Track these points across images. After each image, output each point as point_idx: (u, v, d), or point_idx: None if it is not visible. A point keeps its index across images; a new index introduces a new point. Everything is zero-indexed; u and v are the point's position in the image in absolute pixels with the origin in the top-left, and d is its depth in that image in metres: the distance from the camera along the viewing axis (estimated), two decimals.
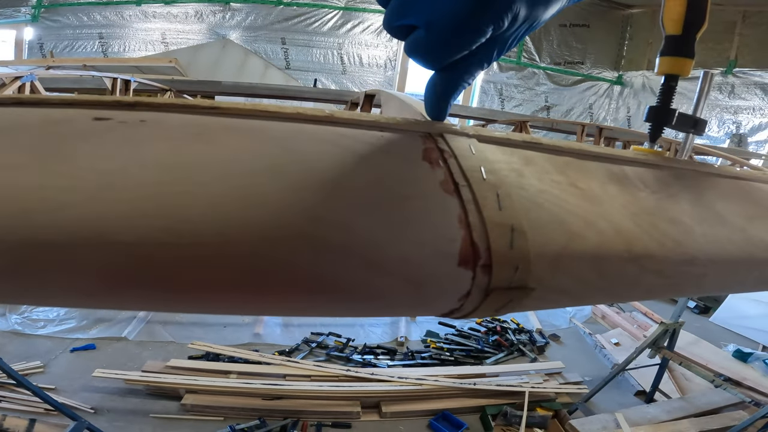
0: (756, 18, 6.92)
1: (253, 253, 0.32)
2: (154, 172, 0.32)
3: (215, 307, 0.37)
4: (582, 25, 8.00)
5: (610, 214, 0.54)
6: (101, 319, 4.26)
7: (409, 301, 0.41)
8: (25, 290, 0.31)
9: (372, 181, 0.40)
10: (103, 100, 0.36)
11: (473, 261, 0.39)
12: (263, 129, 0.40)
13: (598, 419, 3.37)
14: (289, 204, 0.34)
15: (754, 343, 5.07)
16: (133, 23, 6.92)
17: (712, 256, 0.62)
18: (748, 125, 6.98)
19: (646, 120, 0.97)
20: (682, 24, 0.90)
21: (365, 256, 0.36)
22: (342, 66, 7.53)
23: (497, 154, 0.51)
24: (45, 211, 0.28)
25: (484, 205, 0.41)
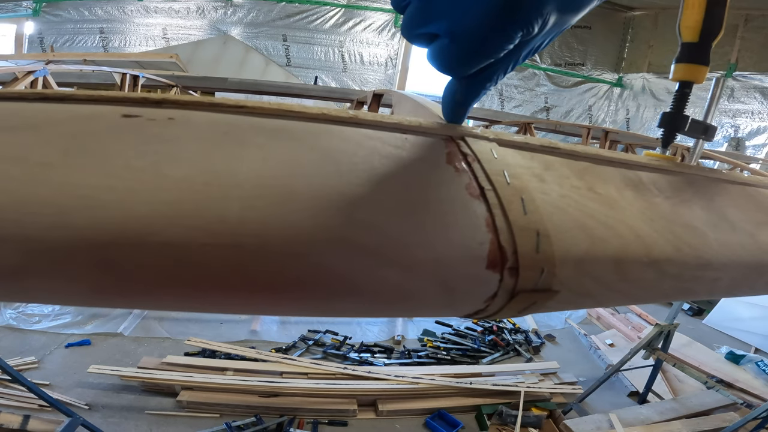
0: (758, 22, 6.92)
1: (290, 255, 0.32)
2: (189, 171, 0.32)
3: (249, 308, 0.37)
4: (583, 27, 8.01)
5: (629, 219, 0.55)
6: (96, 314, 4.25)
7: (438, 303, 0.41)
8: (57, 289, 0.31)
9: (400, 184, 0.40)
10: (130, 96, 0.35)
11: (501, 264, 0.39)
12: (290, 129, 0.41)
13: (592, 419, 3.41)
14: (323, 206, 0.35)
15: (747, 346, 5.11)
16: (135, 18, 6.90)
17: (726, 262, 0.63)
18: (746, 129, 7.00)
19: (660, 125, 0.99)
20: (699, 32, 0.90)
21: (398, 258, 0.36)
22: (343, 64, 7.52)
23: (518, 158, 0.52)
24: (81, 209, 0.28)
25: (509, 209, 0.42)
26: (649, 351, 3.70)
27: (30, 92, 0.35)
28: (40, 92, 0.34)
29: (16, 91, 0.36)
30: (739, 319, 5.43)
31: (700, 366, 4.03)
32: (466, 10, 0.34)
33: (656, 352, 3.67)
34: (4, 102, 0.34)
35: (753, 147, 6.78)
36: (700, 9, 0.88)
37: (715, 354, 4.72)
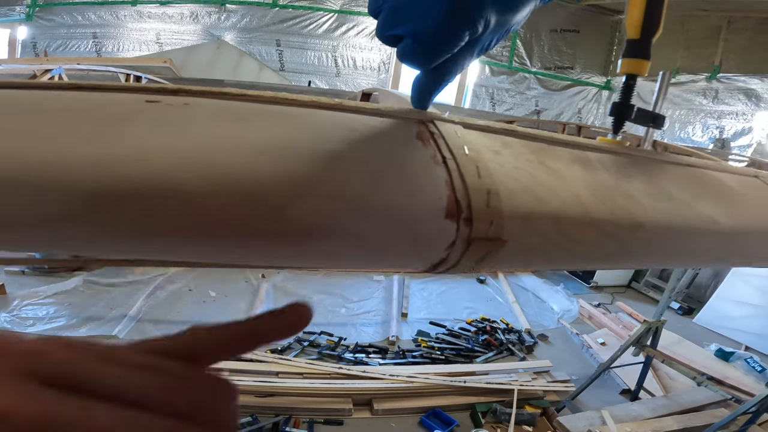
0: (741, 24, 7.05)
1: (283, 204, 0.40)
2: (203, 140, 0.39)
3: (248, 252, 0.43)
4: (572, 31, 8.13)
5: (573, 187, 0.65)
6: (91, 317, 4.26)
7: (407, 249, 0.50)
8: (103, 233, 0.37)
9: (377, 153, 0.50)
10: (150, 87, 0.42)
11: (457, 215, 0.49)
12: (286, 113, 0.50)
13: (584, 416, 3.45)
14: (314, 165, 0.43)
15: (737, 344, 5.18)
16: (128, 23, 6.92)
17: (658, 225, 0.73)
18: (731, 130, 7.12)
19: (610, 114, 1.09)
20: (641, 29, 1.01)
21: (373, 208, 0.45)
22: (336, 68, 7.58)
23: (479, 137, 0.62)
24: (119, 165, 0.35)
25: (466, 173, 0.51)
26: (638, 348, 3.75)
27: (64, 83, 0.42)
28: (74, 83, 0.42)
29: (52, 82, 0.42)
30: (729, 318, 5.51)
31: (690, 363, 4.09)
32: (423, 16, 0.41)
33: (645, 349, 3.72)
34: (45, 90, 0.40)
35: (738, 148, 6.90)
36: (641, 8, 0.98)
37: (705, 351, 4.80)
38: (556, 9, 8.02)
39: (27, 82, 0.42)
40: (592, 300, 6.01)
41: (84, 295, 4.66)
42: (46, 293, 4.55)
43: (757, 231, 0.96)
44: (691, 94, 7.58)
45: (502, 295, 5.99)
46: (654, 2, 0.98)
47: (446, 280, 6.22)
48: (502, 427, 3.47)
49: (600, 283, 6.65)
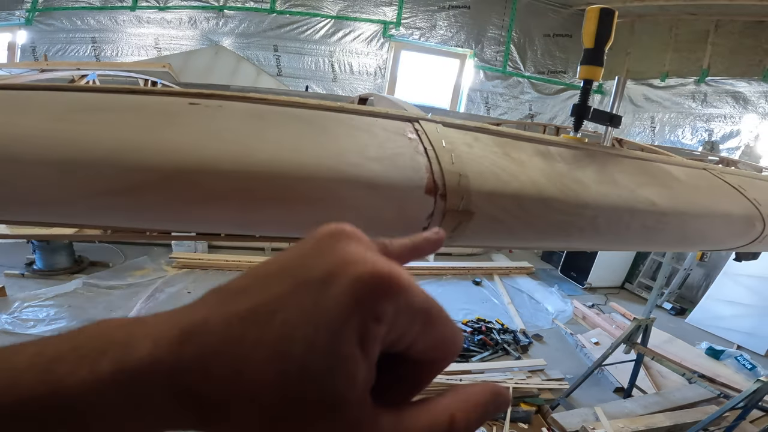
0: (728, 27, 7.15)
1: (298, 180, 0.53)
2: (236, 133, 0.50)
3: (264, 219, 0.55)
4: (565, 35, 8.24)
5: (530, 172, 0.80)
6: (90, 319, 4.16)
7: (396, 217, 0.62)
8: (156, 202, 0.47)
9: (372, 144, 0.64)
10: (190, 91, 0.52)
11: (434, 191, 0.63)
12: (297, 114, 0.62)
13: (578, 413, 3.52)
14: (322, 153, 0.57)
15: (729, 343, 5.26)
16: (127, 28, 6.98)
17: (601, 204, 0.88)
18: (719, 133, 7.22)
19: (571, 114, 1.24)
20: (594, 39, 1.16)
21: (373, 185, 0.59)
22: (333, 73, 7.66)
23: (455, 133, 0.77)
24: (175, 150, 0.45)
25: (442, 160, 0.67)
26: (629, 345, 3.82)
27: (121, 87, 0.51)
28: (130, 87, 0.51)
29: (112, 87, 0.52)
30: (720, 318, 5.60)
31: (681, 361, 4.17)
32: None
33: (636, 347, 3.80)
34: (104, 93, 0.50)
35: (727, 150, 6.99)
36: (595, 20, 1.14)
37: (696, 350, 4.88)
38: (549, 14, 8.13)
39: (93, 86, 0.51)
40: (586, 301, 6.09)
41: (83, 298, 4.70)
42: (46, 295, 4.59)
43: (693, 212, 1.10)
44: (680, 97, 7.68)
45: (497, 296, 6.06)
46: (606, 16, 1.13)
47: (443, 282, 6.29)
48: (497, 425, 3.53)
49: (594, 284, 6.74)
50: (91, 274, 5.20)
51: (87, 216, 0.48)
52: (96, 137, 0.43)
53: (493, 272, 6.83)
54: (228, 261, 5.94)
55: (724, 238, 1.25)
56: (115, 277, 5.21)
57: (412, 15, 7.76)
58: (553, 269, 7.48)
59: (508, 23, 8.07)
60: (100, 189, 0.42)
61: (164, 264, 5.78)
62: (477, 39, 8.05)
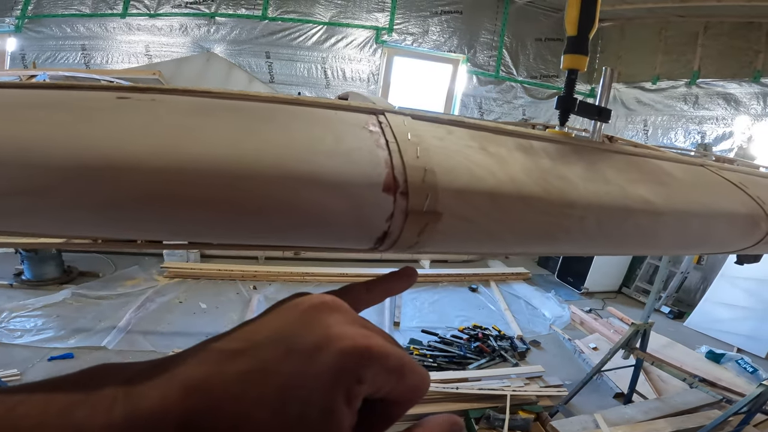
0: (717, 29, 7.17)
1: (235, 177, 0.46)
2: (167, 128, 0.44)
3: (203, 224, 0.49)
4: (556, 39, 8.26)
5: (510, 169, 0.72)
6: (79, 329, 4.22)
7: (351, 220, 0.55)
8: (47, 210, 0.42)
9: (328, 138, 0.57)
10: (122, 86, 0.47)
11: (394, 189, 0.56)
12: (246, 107, 0.56)
13: (578, 420, 3.45)
14: (262, 148, 0.50)
15: (729, 346, 5.21)
16: (117, 35, 6.92)
17: (590, 203, 0.80)
18: (712, 135, 7.21)
19: (556, 107, 1.17)
20: (577, 26, 1.08)
21: (322, 183, 0.52)
22: (326, 80, 7.62)
23: (426, 126, 0.70)
24: (91, 146, 0.40)
25: (405, 154, 0.59)
26: (628, 350, 3.77)
27: (44, 83, 0.47)
28: (53, 83, 0.47)
29: (38, 82, 0.46)
30: (719, 321, 5.55)
31: (682, 366, 4.11)
32: None
33: (635, 352, 3.74)
34: (26, 89, 0.45)
35: (720, 152, 6.99)
36: (577, 7, 1.06)
37: (696, 354, 4.82)
38: (541, 18, 8.15)
39: (17, 83, 0.48)
40: (584, 306, 6.04)
41: (72, 308, 4.63)
42: (34, 306, 4.52)
43: (692, 211, 1.01)
44: (672, 100, 7.69)
45: (494, 302, 6.00)
46: (589, 2, 1.06)
47: (438, 290, 6.23)
48: None
49: (591, 289, 6.69)
50: (81, 285, 5.12)
51: (21, 215, 0.43)
52: (6, 134, 0.39)
53: (489, 278, 6.77)
54: (220, 270, 5.85)
55: (727, 239, 1.17)
56: (105, 287, 5.12)
57: (405, 21, 7.75)
58: (550, 274, 7.43)
59: (500, 28, 8.08)
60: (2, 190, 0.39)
61: (155, 274, 5.70)
62: (469, 44, 8.05)
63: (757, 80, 6.73)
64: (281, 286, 5.76)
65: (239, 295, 5.45)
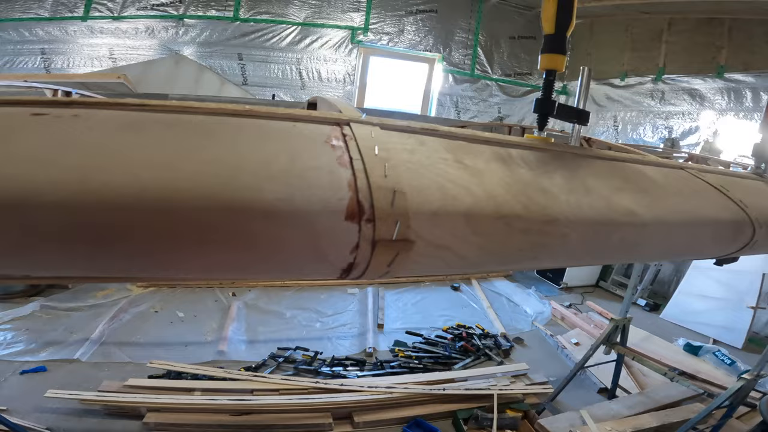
0: (681, 25, 7.35)
1: (166, 211, 0.39)
2: (87, 150, 0.37)
3: (128, 262, 0.42)
4: (528, 37, 8.37)
5: (487, 184, 0.66)
6: (50, 342, 4.07)
7: (311, 253, 0.49)
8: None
9: (281, 156, 0.49)
10: (40, 99, 0.40)
11: (359, 216, 0.49)
12: (188, 121, 0.47)
13: (565, 417, 3.47)
14: (202, 173, 0.42)
15: (705, 338, 5.33)
16: (78, 39, 6.66)
17: (573, 219, 0.75)
18: (679, 130, 7.41)
19: (534, 111, 1.11)
20: (555, 23, 1.04)
21: (273, 213, 0.44)
22: (301, 81, 7.52)
23: (395, 138, 0.63)
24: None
25: (371, 173, 0.51)
26: (608, 346, 3.81)
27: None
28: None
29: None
30: (694, 312, 5.68)
31: (661, 359, 4.19)
32: None
33: (615, 347, 3.78)
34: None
35: (687, 146, 7.18)
36: (554, 3, 1.02)
37: (674, 347, 4.92)
38: (514, 17, 8.23)
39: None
40: (563, 301, 6.11)
41: (42, 320, 4.46)
42: (2, 319, 4.35)
43: (677, 221, 0.98)
44: (639, 96, 7.87)
45: (476, 301, 6.02)
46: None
47: (421, 290, 6.21)
48: None
49: (569, 284, 6.79)
50: (49, 297, 4.91)
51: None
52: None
53: (470, 276, 6.79)
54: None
55: (712, 246, 1.16)
56: (75, 299, 4.93)
57: (380, 20, 7.72)
58: (530, 270, 7.50)
59: (475, 26, 8.12)
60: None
61: (128, 283, 5.50)
62: (445, 43, 8.07)
63: (720, 75, 6.93)
64: (261, 292, 5.64)
65: (218, 302, 5.31)
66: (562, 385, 3.79)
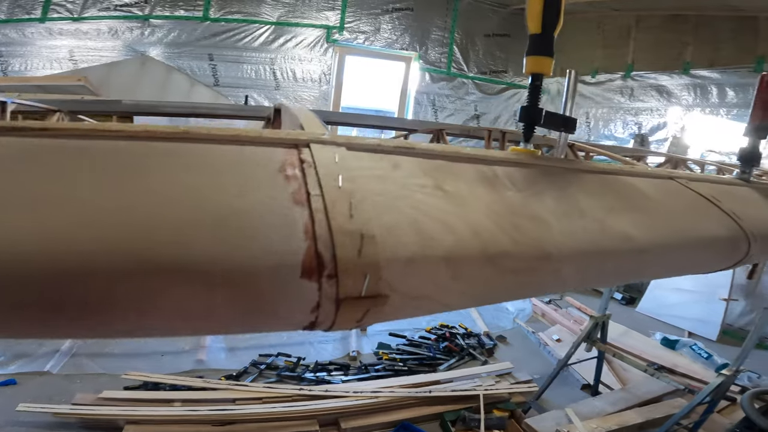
0: (648, 22, 7.52)
1: (54, 278, 0.30)
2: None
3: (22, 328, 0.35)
4: (503, 35, 8.42)
5: (472, 215, 0.57)
6: (21, 354, 3.91)
7: (257, 315, 0.40)
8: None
9: (218, 196, 0.39)
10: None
11: (318, 272, 0.39)
12: (100, 149, 0.37)
13: (551, 416, 3.49)
14: (111, 226, 0.32)
15: (681, 331, 5.47)
16: (36, 41, 6.36)
17: (566, 251, 0.66)
18: (648, 125, 7.59)
19: (520, 120, 1.04)
20: (541, 22, 0.95)
21: (200, 272, 0.35)
22: (275, 81, 7.37)
23: (364, 161, 0.53)
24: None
25: (334, 214, 0.42)
26: (589, 343, 3.85)
27: None
28: None
29: None
30: (669, 305, 5.82)
31: (640, 354, 4.27)
32: None
33: (596, 344, 3.83)
34: None
35: (656, 142, 7.35)
36: (540, 0, 0.93)
37: (652, 341, 5.02)
38: (489, 14, 8.27)
39: None
40: (543, 297, 6.17)
41: None
42: None
43: (674, 242, 0.92)
44: (610, 92, 8.02)
45: None
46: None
47: None
48: None
49: None
50: None
51: None
52: None
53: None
54: None
55: (707, 265, 1.14)
56: None
57: (356, 19, 7.63)
58: None
59: (451, 24, 8.12)
60: None
61: None
62: (421, 41, 8.05)
63: (687, 72, 7.10)
64: None
65: None
66: (546, 383, 3.82)
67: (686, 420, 3.14)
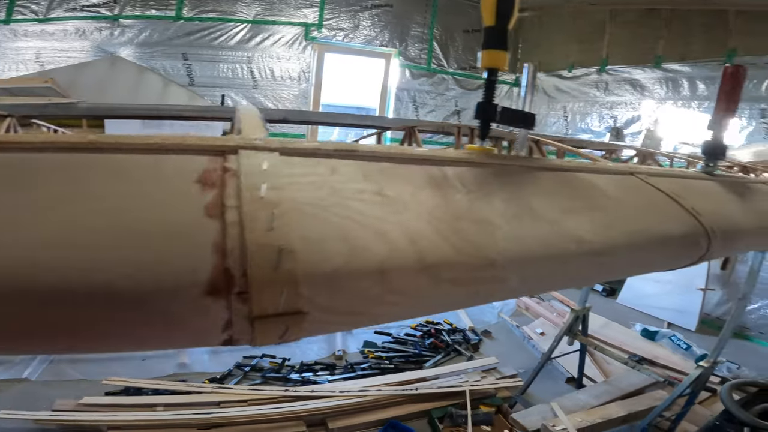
0: (623, 17, 7.63)
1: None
2: None
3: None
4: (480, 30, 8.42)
5: (411, 223, 0.54)
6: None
7: (162, 335, 0.38)
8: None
9: (119, 213, 0.36)
10: None
11: (226, 289, 0.37)
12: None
13: (536, 410, 3.52)
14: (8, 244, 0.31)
15: (660, 321, 5.57)
16: (1, 42, 6.15)
17: (514, 257, 0.63)
18: (623, 119, 7.72)
19: (476, 117, 1.00)
20: (495, 14, 0.92)
21: (102, 293, 0.33)
22: (253, 80, 7.25)
23: (297, 167, 0.50)
24: None
25: (251, 226, 0.39)
26: (571, 336, 3.90)
27: None
28: None
29: None
30: (648, 296, 5.92)
31: (621, 345, 4.33)
32: None
33: (578, 337, 3.88)
34: None
35: (631, 135, 7.48)
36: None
37: (632, 332, 5.11)
38: (468, 10, 8.28)
39: None
40: None
41: None
42: None
43: (632, 243, 0.89)
44: (586, 86, 8.13)
45: None
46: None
47: None
48: (460, 430, 3.45)
49: None
50: None
51: None
52: None
53: None
54: None
55: (665, 263, 1.12)
56: None
57: (335, 16, 7.56)
58: None
59: (430, 20, 8.12)
60: None
61: None
62: (401, 38, 8.03)
63: (659, 66, 7.22)
64: None
65: None
66: (531, 377, 3.86)
67: (668, 412, 3.20)
